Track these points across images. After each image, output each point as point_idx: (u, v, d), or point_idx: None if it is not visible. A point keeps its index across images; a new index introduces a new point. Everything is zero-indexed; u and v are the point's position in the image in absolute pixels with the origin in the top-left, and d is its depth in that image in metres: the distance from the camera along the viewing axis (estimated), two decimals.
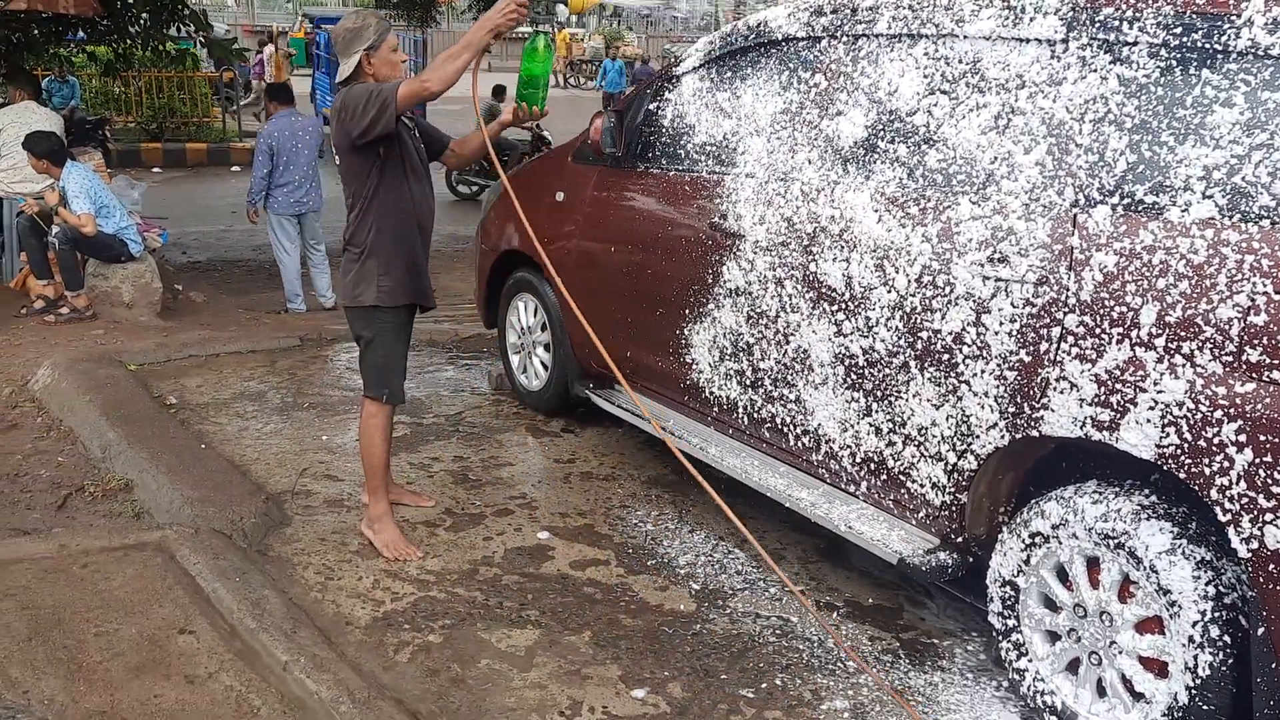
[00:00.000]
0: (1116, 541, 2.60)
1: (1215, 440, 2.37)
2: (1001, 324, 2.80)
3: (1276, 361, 2.29)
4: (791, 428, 3.50)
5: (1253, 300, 2.32)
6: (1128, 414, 2.53)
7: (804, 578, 3.61)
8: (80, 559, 3.46)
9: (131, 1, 8.49)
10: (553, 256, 4.58)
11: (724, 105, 3.81)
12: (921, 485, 3.10)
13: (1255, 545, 2.33)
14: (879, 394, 3.15)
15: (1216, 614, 2.44)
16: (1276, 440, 2.28)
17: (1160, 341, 2.47)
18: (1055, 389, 2.69)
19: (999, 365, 2.81)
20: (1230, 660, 2.44)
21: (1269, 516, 2.30)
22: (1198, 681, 2.46)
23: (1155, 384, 2.48)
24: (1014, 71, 2.89)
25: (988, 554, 3.01)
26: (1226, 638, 2.44)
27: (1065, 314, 2.66)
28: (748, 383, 3.64)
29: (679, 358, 3.94)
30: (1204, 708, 2.47)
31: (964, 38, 3.02)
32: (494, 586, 3.47)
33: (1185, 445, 2.43)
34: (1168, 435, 2.46)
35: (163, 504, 3.91)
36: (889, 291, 3.07)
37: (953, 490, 3.02)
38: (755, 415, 3.64)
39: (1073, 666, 2.79)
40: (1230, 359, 2.36)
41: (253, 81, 19.64)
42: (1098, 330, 2.59)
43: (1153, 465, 2.55)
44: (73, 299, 6.50)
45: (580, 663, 3.08)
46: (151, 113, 15.15)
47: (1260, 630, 2.37)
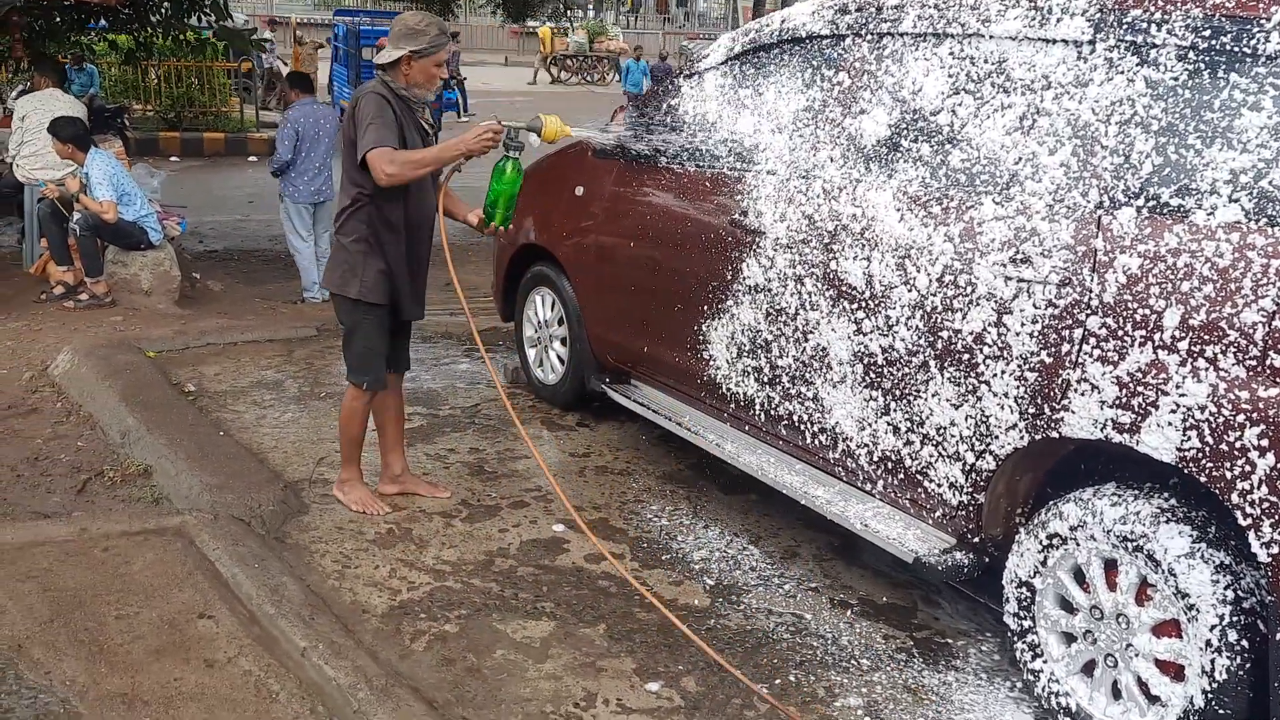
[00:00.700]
0: (1135, 544, 2.60)
1: (1238, 444, 2.37)
2: (1023, 325, 2.80)
3: None
4: (808, 425, 3.50)
5: (1278, 304, 2.32)
6: (1149, 417, 2.53)
7: (818, 575, 3.62)
8: (101, 543, 3.49)
9: None
10: (571, 250, 4.61)
11: (746, 102, 3.82)
12: (939, 485, 3.10)
13: (1276, 550, 2.33)
14: (898, 393, 3.16)
15: (1235, 618, 2.44)
16: None
17: (1183, 344, 2.47)
18: (1076, 390, 2.69)
19: (1019, 366, 2.81)
20: (1248, 665, 2.44)
21: None
22: (1214, 686, 2.46)
23: (1178, 387, 2.47)
24: (1040, 72, 2.88)
25: (1004, 555, 3.01)
26: (1245, 642, 2.44)
27: (1088, 316, 2.66)
28: (765, 379, 3.65)
29: (696, 353, 3.95)
30: (1220, 712, 2.46)
31: (990, 37, 3.02)
32: (509, 578, 3.49)
33: (1207, 449, 2.43)
34: (1189, 438, 2.46)
35: (182, 490, 3.94)
36: (910, 290, 3.07)
37: (970, 490, 3.02)
38: (772, 412, 3.65)
39: (1088, 668, 2.79)
40: (1254, 363, 2.35)
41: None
42: (1120, 332, 2.59)
43: (1172, 468, 2.55)
44: (92, 285, 6.54)
45: (595, 655, 3.09)
46: (170, 102, 15.20)
47: (1279, 635, 2.37)
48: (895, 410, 3.18)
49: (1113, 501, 2.68)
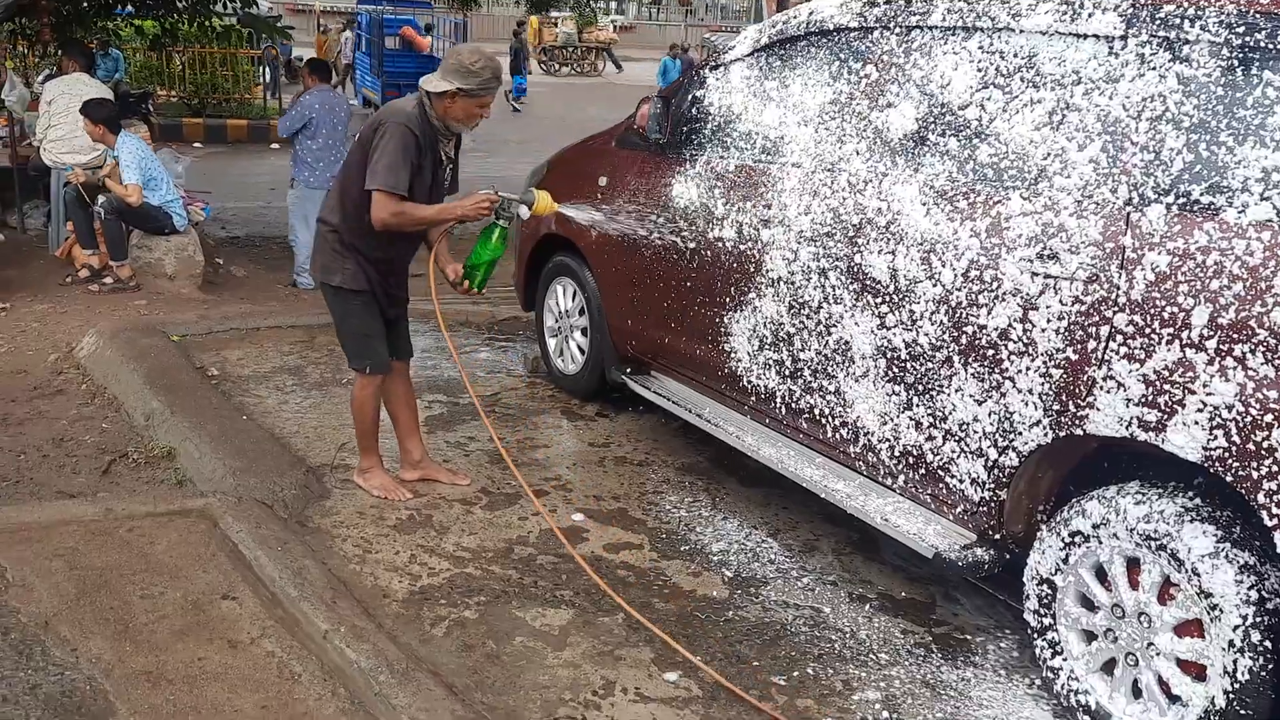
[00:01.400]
0: (1158, 543, 2.58)
1: (1265, 444, 2.36)
2: (1049, 321, 2.78)
3: None
4: (830, 419, 3.50)
5: None
6: (1175, 415, 2.52)
7: (837, 569, 3.62)
8: (126, 523, 3.52)
9: None
10: (593, 241, 4.62)
11: (772, 94, 3.81)
12: (961, 480, 3.09)
13: None
14: (920, 388, 3.15)
15: (1259, 619, 2.43)
16: None
17: (1212, 343, 2.45)
18: (1102, 388, 2.67)
19: (1045, 362, 2.80)
20: (1271, 666, 2.43)
21: None
22: (1236, 686, 2.45)
23: (1205, 386, 2.46)
24: (1070, 67, 2.87)
25: (1025, 551, 3.01)
26: (1268, 643, 2.43)
27: (1115, 313, 2.65)
28: (787, 373, 3.64)
29: (718, 345, 3.95)
30: (1242, 713, 2.45)
31: (1020, 32, 3.00)
32: (529, 566, 3.51)
33: (1234, 448, 2.41)
34: (1216, 438, 2.45)
35: (205, 472, 3.97)
36: (934, 285, 3.06)
37: (992, 486, 3.02)
38: (793, 405, 3.65)
39: (1108, 667, 2.78)
40: None
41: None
42: (1148, 330, 2.58)
43: (1197, 467, 2.54)
44: (117, 269, 6.60)
45: (613, 644, 3.11)
46: (194, 88, 15.28)
47: None
48: (918, 405, 3.17)
49: (1136, 500, 2.67)
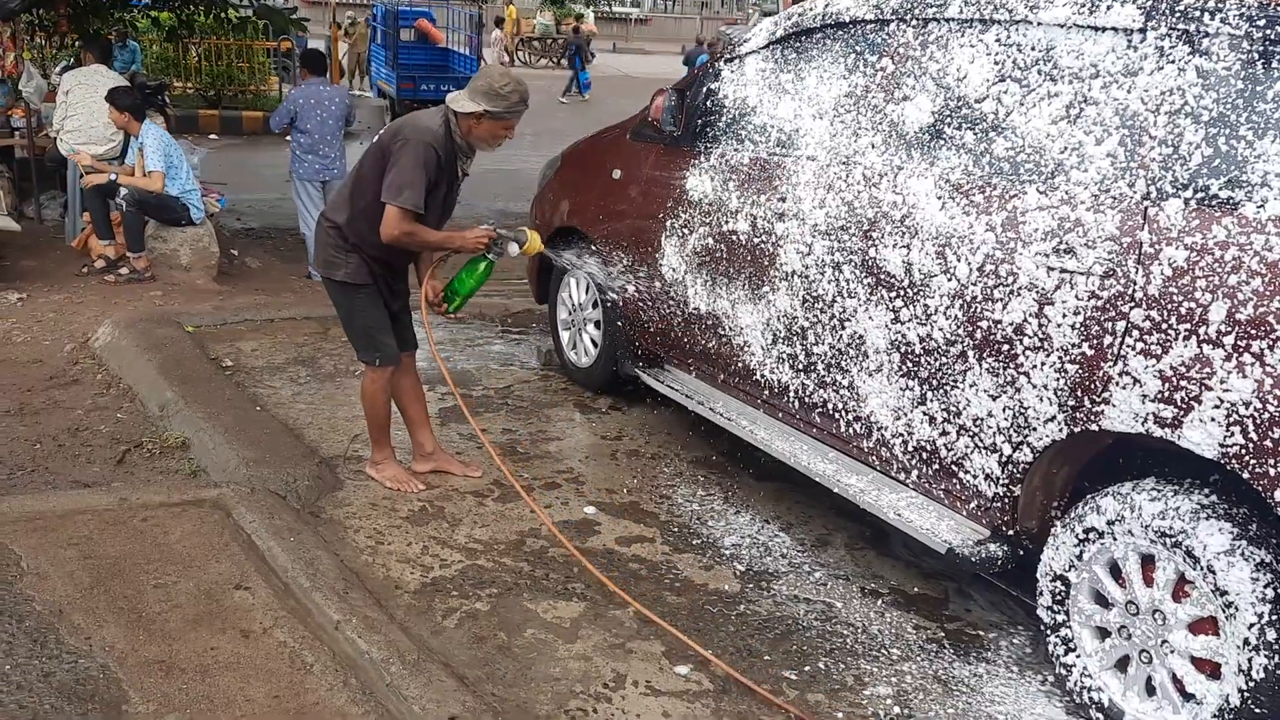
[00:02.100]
0: (1174, 540, 2.57)
1: None
2: (1065, 316, 2.76)
3: None
4: (843, 414, 3.49)
5: None
6: (1192, 411, 2.50)
7: (850, 563, 3.61)
8: (140, 512, 3.54)
9: None
10: (606, 233, 4.61)
11: (787, 87, 3.79)
12: (974, 476, 3.08)
13: None
14: (934, 383, 3.14)
15: (1275, 617, 2.41)
16: None
17: (1229, 339, 2.43)
18: (1117, 384, 2.65)
19: (1060, 358, 2.78)
20: None
21: None
22: (1251, 684, 2.43)
23: (1222, 382, 2.44)
24: (1088, 60, 2.84)
25: (1038, 547, 2.99)
26: None
27: (1131, 308, 2.63)
28: (800, 367, 3.63)
29: (731, 340, 3.94)
30: (1256, 711, 2.44)
31: (1038, 24, 2.98)
32: (540, 558, 3.51)
33: (1251, 445, 2.39)
34: (1233, 434, 2.42)
35: (219, 463, 3.99)
36: (949, 280, 3.05)
37: (1006, 482, 3.00)
38: (806, 400, 3.64)
39: (1121, 664, 2.77)
40: None
41: None
42: (1164, 325, 2.55)
43: (1213, 464, 2.52)
44: (134, 260, 6.63)
45: (625, 637, 3.11)
46: (210, 80, 15.33)
47: None
48: (932, 400, 3.16)
49: (1151, 497, 2.65)
